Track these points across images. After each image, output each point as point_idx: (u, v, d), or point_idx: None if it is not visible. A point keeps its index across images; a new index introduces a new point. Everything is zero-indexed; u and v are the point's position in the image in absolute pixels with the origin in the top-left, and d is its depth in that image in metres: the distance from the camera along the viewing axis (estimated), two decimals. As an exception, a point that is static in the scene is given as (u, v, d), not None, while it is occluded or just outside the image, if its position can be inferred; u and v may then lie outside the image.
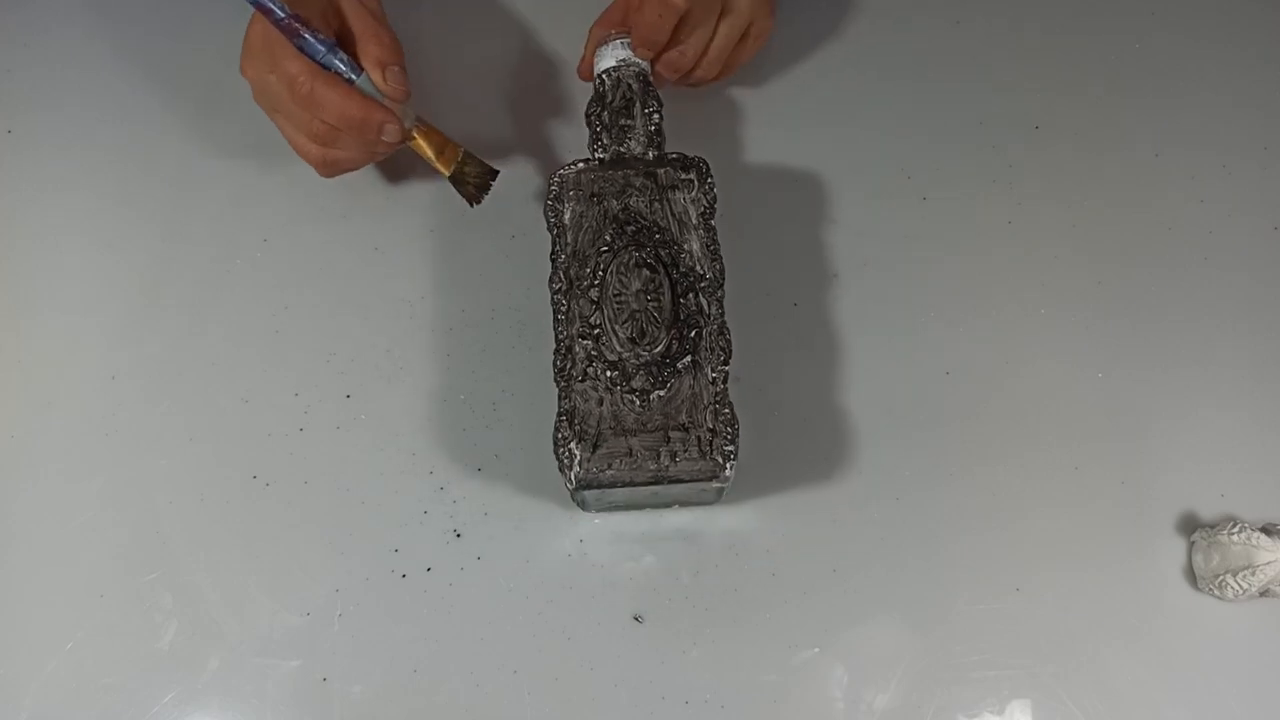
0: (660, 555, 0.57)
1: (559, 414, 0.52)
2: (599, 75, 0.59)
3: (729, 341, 0.53)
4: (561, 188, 0.56)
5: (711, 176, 0.56)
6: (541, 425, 0.54)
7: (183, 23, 0.69)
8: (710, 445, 0.52)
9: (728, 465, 0.52)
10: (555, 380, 0.53)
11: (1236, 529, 0.55)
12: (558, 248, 0.55)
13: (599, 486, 0.52)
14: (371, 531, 0.58)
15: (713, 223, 0.55)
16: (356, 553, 0.57)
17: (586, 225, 0.55)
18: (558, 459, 0.52)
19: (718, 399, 0.52)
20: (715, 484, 0.53)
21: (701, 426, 0.52)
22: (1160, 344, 0.61)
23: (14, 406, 0.60)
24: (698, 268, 0.54)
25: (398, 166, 0.65)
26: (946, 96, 0.67)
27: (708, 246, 0.55)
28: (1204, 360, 0.61)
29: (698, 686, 0.55)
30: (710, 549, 0.57)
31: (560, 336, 0.54)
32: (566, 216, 0.55)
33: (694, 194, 0.55)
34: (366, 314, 0.62)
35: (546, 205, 0.56)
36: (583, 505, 0.56)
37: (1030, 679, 0.55)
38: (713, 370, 0.53)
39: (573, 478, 0.52)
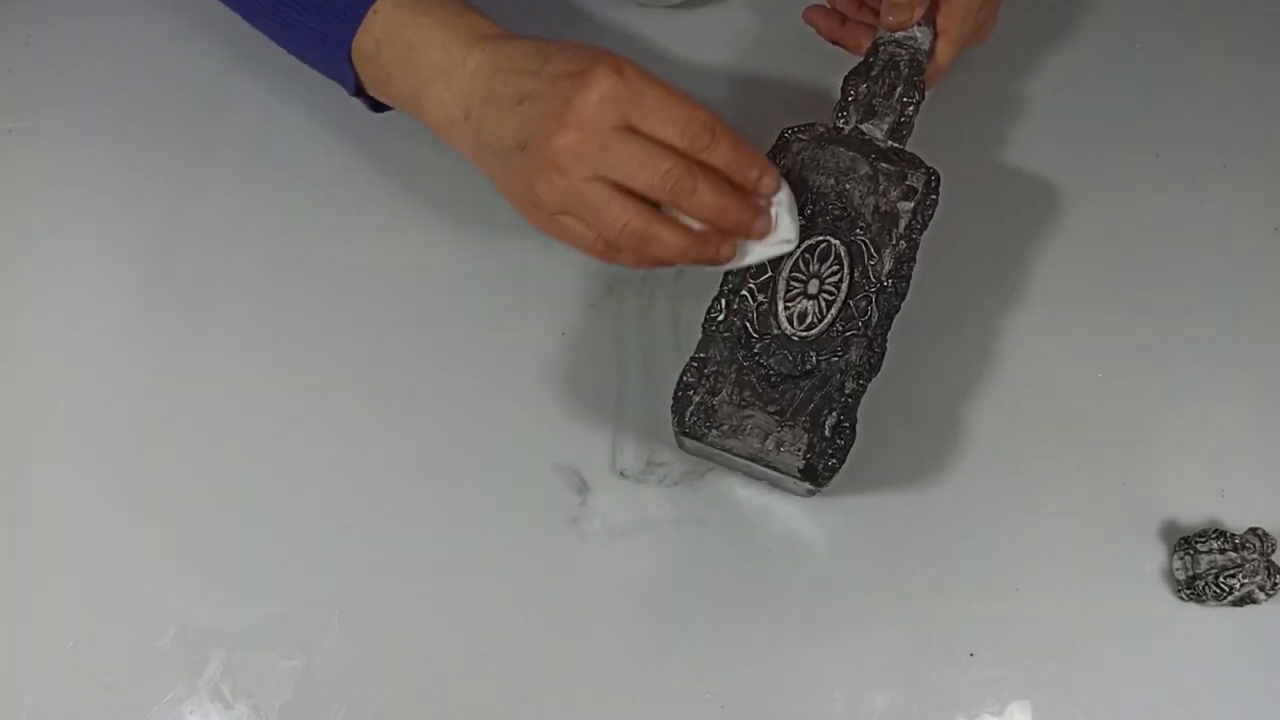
0: (662, 553, 0.57)
1: (693, 357, 0.51)
2: (877, 44, 0.56)
3: (881, 358, 0.51)
4: (786, 145, 0.53)
5: (937, 192, 0.53)
6: (571, 409, 0.54)
7: (184, 21, 0.69)
8: (818, 451, 0.50)
9: (823, 477, 0.50)
10: (703, 326, 0.52)
11: (1215, 535, 0.55)
12: None
13: (701, 440, 0.51)
14: (372, 529, 0.58)
15: (917, 237, 0.53)
16: (356, 550, 0.57)
17: (794, 191, 0.52)
18: (675, 398, 0.51)
19: (844, 410, 0.51)
20: (807, 485, 0.52)
21: (819, 430, 0.50)
22: (1160, 345, 0.61)
23: (14, 406, 0.60)
24: (883, 277, 0.52)
25: (414, 165, 0.65)
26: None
27: (902, 259, 0.52)
28: (1204, 361, 0.61)
29: (698, 685, 0.55)
30: (711, 547, 0.57)
31: (724, 289, 0.52)
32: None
33: (913, 203, 0.53)
34: (376, 300, 0.62)
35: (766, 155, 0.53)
36: (681, 445, 0.55)
37: (1030, 679, 0.55)
38: (854, 381, 0.51)
39: (680, 423, 0.51)
